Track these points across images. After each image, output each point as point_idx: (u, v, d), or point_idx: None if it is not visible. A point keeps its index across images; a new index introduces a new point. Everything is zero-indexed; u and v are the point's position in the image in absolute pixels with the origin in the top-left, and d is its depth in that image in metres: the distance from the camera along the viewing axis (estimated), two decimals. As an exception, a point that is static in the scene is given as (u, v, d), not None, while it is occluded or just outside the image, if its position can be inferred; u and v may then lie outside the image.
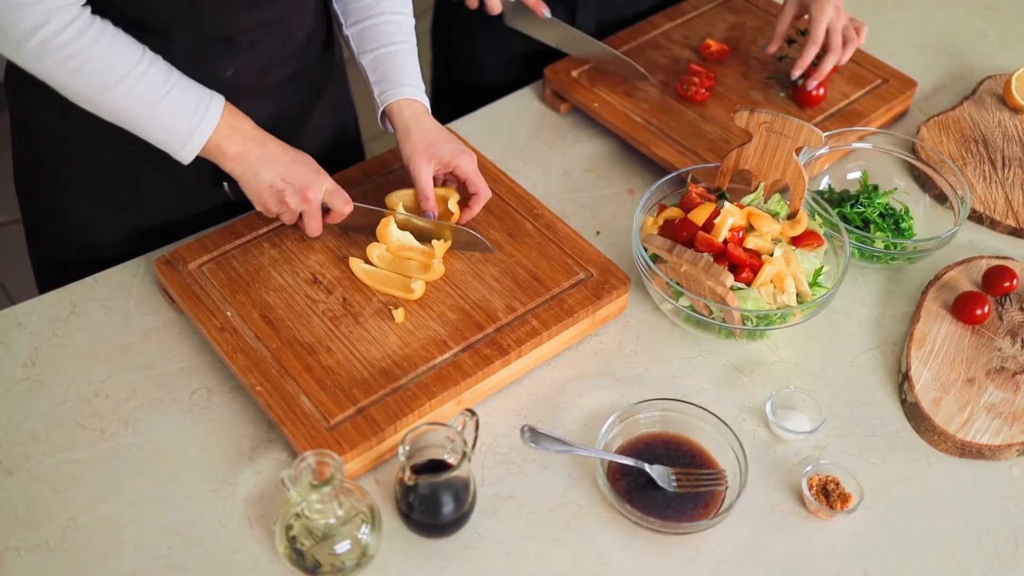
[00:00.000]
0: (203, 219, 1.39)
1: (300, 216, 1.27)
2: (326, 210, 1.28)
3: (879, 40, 1.80)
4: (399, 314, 1.23)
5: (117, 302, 1.30)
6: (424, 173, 1.30)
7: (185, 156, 1.19)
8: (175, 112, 1.16)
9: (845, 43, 1.56)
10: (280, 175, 1.22)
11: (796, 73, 1.56)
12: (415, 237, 1.32)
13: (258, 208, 1.26)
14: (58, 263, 1.43)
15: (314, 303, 1.25)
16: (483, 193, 1.33)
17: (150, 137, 1.18)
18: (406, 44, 1.35)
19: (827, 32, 1.55)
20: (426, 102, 1.34)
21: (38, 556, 1.06)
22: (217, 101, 1.19)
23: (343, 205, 1.27)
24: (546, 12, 1.59)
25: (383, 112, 1.33)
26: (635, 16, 1.77)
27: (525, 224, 1.36)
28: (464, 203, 1.35)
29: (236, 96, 1.24)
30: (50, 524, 1.09)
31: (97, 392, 1.21)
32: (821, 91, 1.59)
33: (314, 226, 1.27)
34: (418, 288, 1.25)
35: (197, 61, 1.20)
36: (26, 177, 1.39)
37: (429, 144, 1.30)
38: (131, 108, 1.14)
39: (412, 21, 1.38)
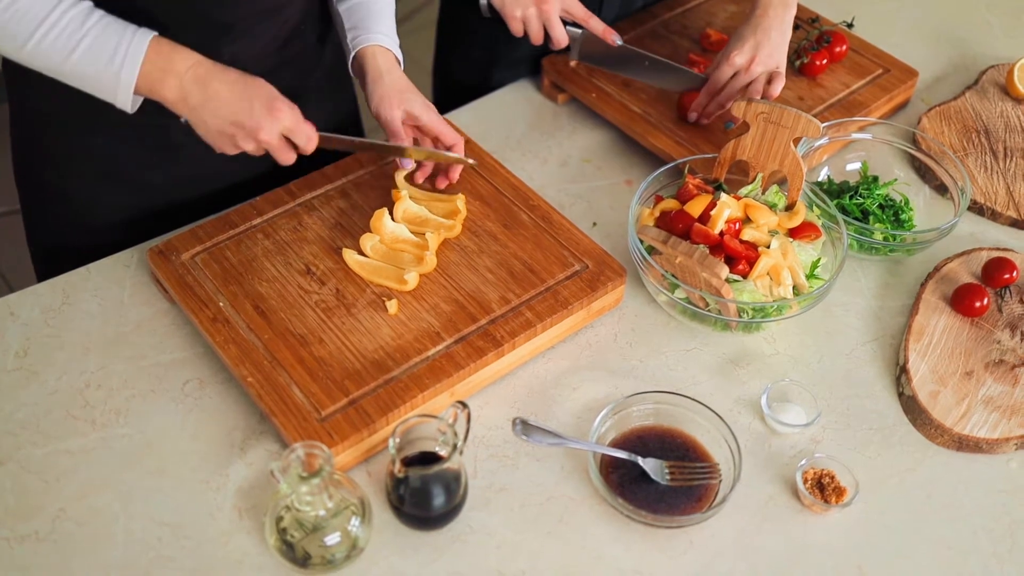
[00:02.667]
0: (203, 202, 1.39)
1: None
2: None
3: (881, 29, 1.79)
4: (392, 305, 1.23)
5: (110, 292, 1.30)
6: (396, 116, 1.31)
7: (122, 105, 1.14)
8: (90, 64, 1.10)
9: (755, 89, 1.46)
10: (228, 120, 1.13)
11: (692, 116, 1.50)
12: (410, 229, 1.31)
13: (217, 152, 1.19)
14: (56, 248, 1.42)
15: (307, 294, 1.24)
16: (458, 141, 1.34)
17: (83, 88, 1.13)
18: None
19: (735, 75, 1.46)
20: (400, 56, 1.35)
21: (28, 546, 1.06)
22: (139, 44, 1.10)
23: (306, 143, 1.19)
24: (616, 40, 1.50)
25: (354, 57, 1.33)
26: (644, 7, 1.75)
27: (521, 215, 1.35)
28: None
29: None
30: (40, 515, 1.08)
31: (89, 383, 1.20)
32: (824, 61, 1.59)
33: (284, 159, 1.20)
34: (411, 279, 1.24)
35: (192, 48, 1.19)
36: (24, 160, 1.39)
37: (400, 91, 1.31)
38: (48, 62, 1.09)
39: None
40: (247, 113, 1.13)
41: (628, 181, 1.51)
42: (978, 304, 1.30)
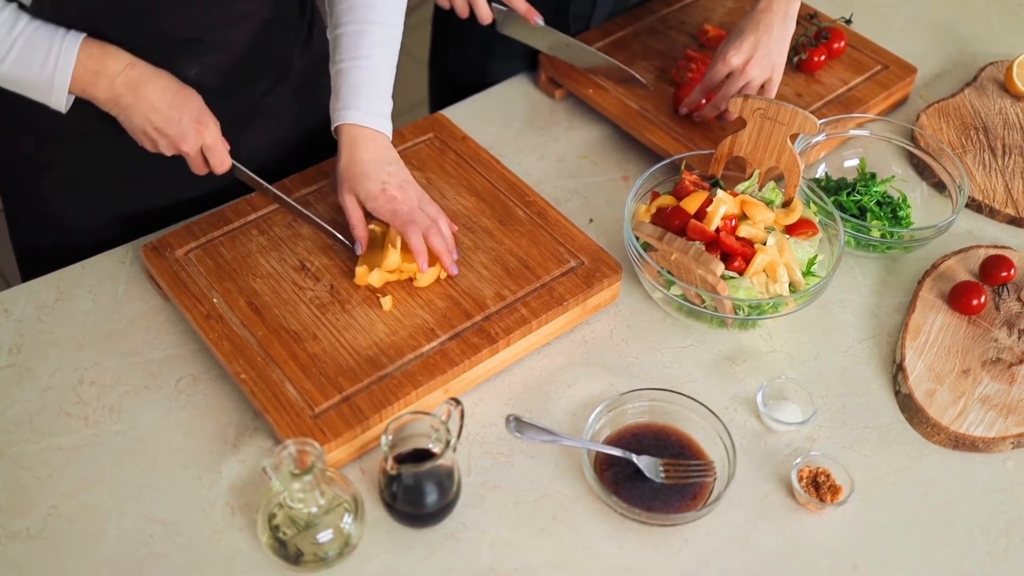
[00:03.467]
0: (186, 206, 1.38)
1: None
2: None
3: (880, 25, 1.78)
4: (387, 302, 1.22)
5: (104, 288, 1.30)
6: (348, 203, 1.24)
7: (56, 106, 1.15)
8: (23, 70, 1.11)
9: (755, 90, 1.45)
10: (154, 124, 1.17)
11: (682, 110, 1.49)
12: None
13: (138, 145, 1.22)
14: (39, 250, 1.42)
15: (301, 290, 1.24)
16: (406, 227, 1.21)
17: (17, 91, 1.14)
18: (371, 59, 1.25)
19: (730, 74, 1.43)
20: (376, 124, 1.25)
21: (19, 543, 1.05)
22: (70, 47, 1.11)
23: (219, 165, 1.23)
24: (539, 20, 1.53)
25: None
26: (641, 2, 1.74)
27: (516, 211, 1.35)
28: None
29: (203, 93, 1.22)
30: (32, 511, 1.08)
31: (82, 379, 1.20)
32: (822, 58, 1.58)
33: (197, 168, 1.24)
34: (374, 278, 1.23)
35: (157, 63, 1.18)
36: (4, 166, 1.37)
37: (351, 177, 1.23)
38: None
39: (393, 31, 1.28)
40: (175, 124, 1.17)
41: (625, 177, 1.50)
42: (975, 302, 1.30)
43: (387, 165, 1.25)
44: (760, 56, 1.41)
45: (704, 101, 1.48)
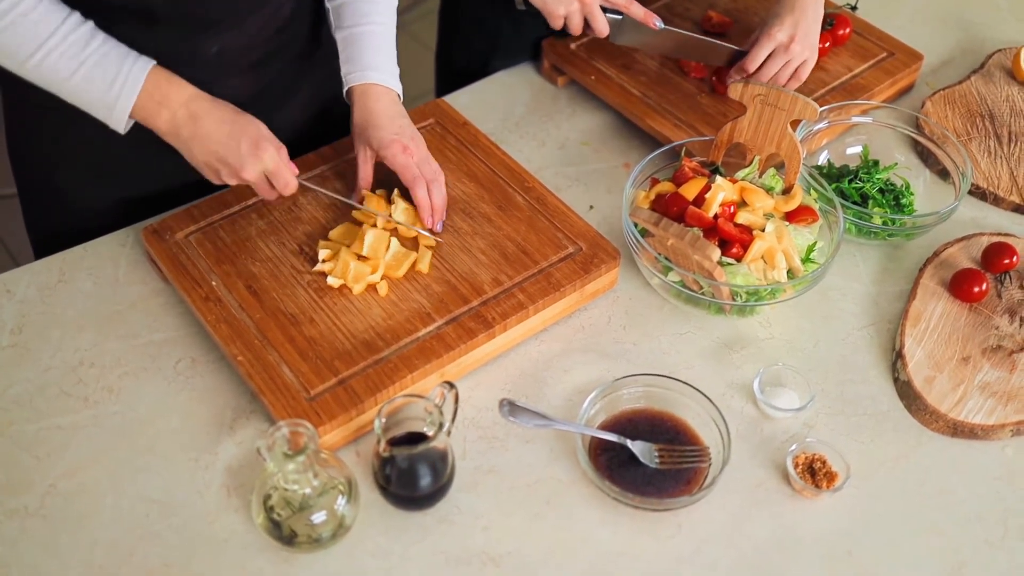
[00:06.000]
0: (196, 189, 1.39)
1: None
2: None
3: (887, 11, 1.76)
4: (383, 287, 1.22)
5: (105, 271, 1.30)
6: (360, 156, 1.28)
7: (115, 127, 1.17)
8: (88, 88, 1.12)
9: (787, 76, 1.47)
10: (214, 154, 1.17)
11: (733, 77, 1.48)
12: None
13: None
14: (53, 232, 1.43)
15: (299, 274, 1.24)
16: (411, 185, 1.26)
17: (79, 106, 1.15)
18: (378, 25, 1.30)
19: (769, 56, 1.45)
20: (389, 83, 1.30)
21: (17, 522, 1.06)
22: (137, 74, 1.13)
23: (284, 187, 1.22)
24: (658, 23, 1.47)
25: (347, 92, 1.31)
26: None
27: (516, 197, 1.34)
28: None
29: (221, 71, 1.23)
30: (30, 490, 1.09)
31: (82, 360, 1.21)
32: (827, 44, 1.58)
33: (265, 196, 1.24)
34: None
35: (180, 40, 1.19)
36: (18, 148, 1.39)
37: (365, 128, 1.27)
38: (48, 82, 1.12)
39: (393, 1, 1.34)
40: (234, 152, 1.17)
41: (626, 164, 1.50)
42: (977, 289, 1.29)
43: (399, 118, 1.29)
44: (801, 36, 1.42)
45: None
